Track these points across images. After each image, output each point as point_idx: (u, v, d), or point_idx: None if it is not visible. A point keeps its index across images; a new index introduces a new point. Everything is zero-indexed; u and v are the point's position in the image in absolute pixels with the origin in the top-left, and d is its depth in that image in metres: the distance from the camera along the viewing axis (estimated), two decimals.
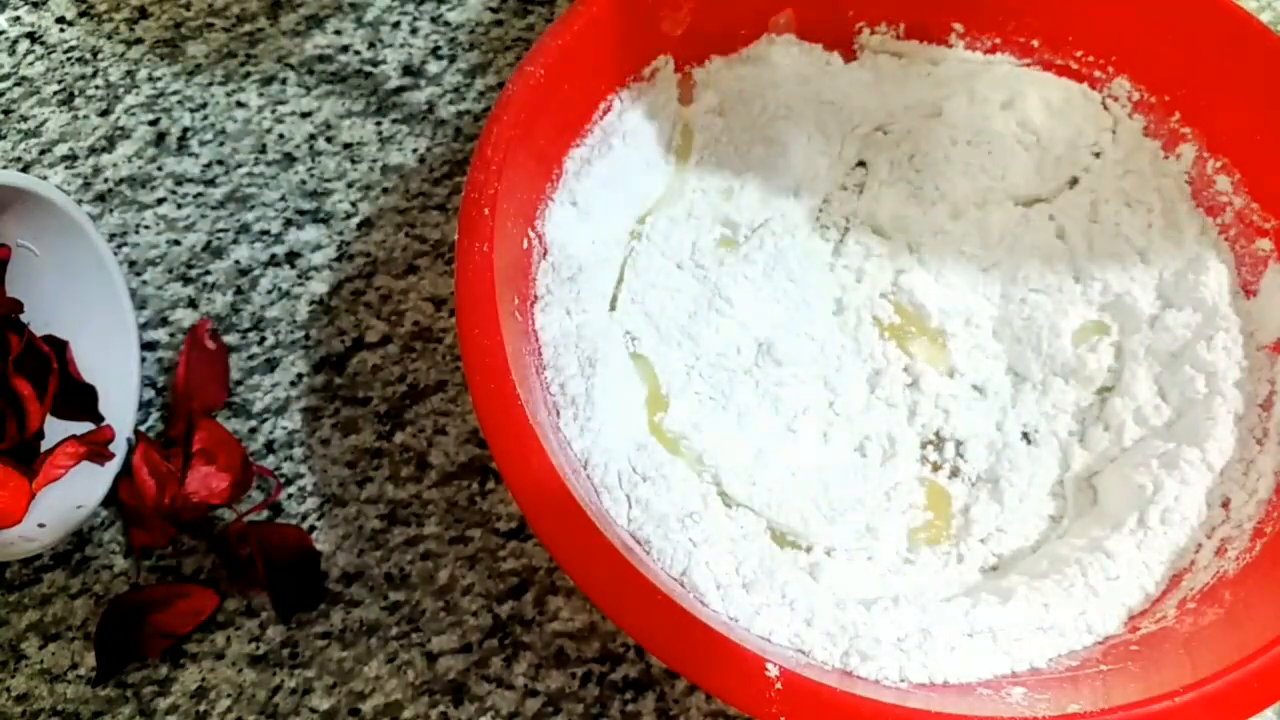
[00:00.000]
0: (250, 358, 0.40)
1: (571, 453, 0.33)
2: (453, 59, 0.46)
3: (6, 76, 0.46)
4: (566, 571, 0.28)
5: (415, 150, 0.44)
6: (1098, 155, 0.41)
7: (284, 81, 0.46)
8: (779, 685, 0.27)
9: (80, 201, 0.43)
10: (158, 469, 0.36)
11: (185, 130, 0.45)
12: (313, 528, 0.37)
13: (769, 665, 0.27)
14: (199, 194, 0.43)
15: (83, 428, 0.37)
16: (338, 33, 0.47)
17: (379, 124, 0.45)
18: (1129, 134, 0.41)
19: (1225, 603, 0.31)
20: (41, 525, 0.35)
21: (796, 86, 0.41)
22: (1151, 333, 0.37)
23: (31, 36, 0.47)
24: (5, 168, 0.43)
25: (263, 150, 0.44)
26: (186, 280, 0.41)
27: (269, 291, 0.41)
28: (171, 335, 0.40)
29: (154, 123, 0.45)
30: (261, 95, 0.45)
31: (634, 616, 0.28)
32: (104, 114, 0.45)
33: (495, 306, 0.31)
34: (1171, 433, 0.36)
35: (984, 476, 0.36)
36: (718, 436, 0.36)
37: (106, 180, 0.43)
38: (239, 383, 0.39)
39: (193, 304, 0.41)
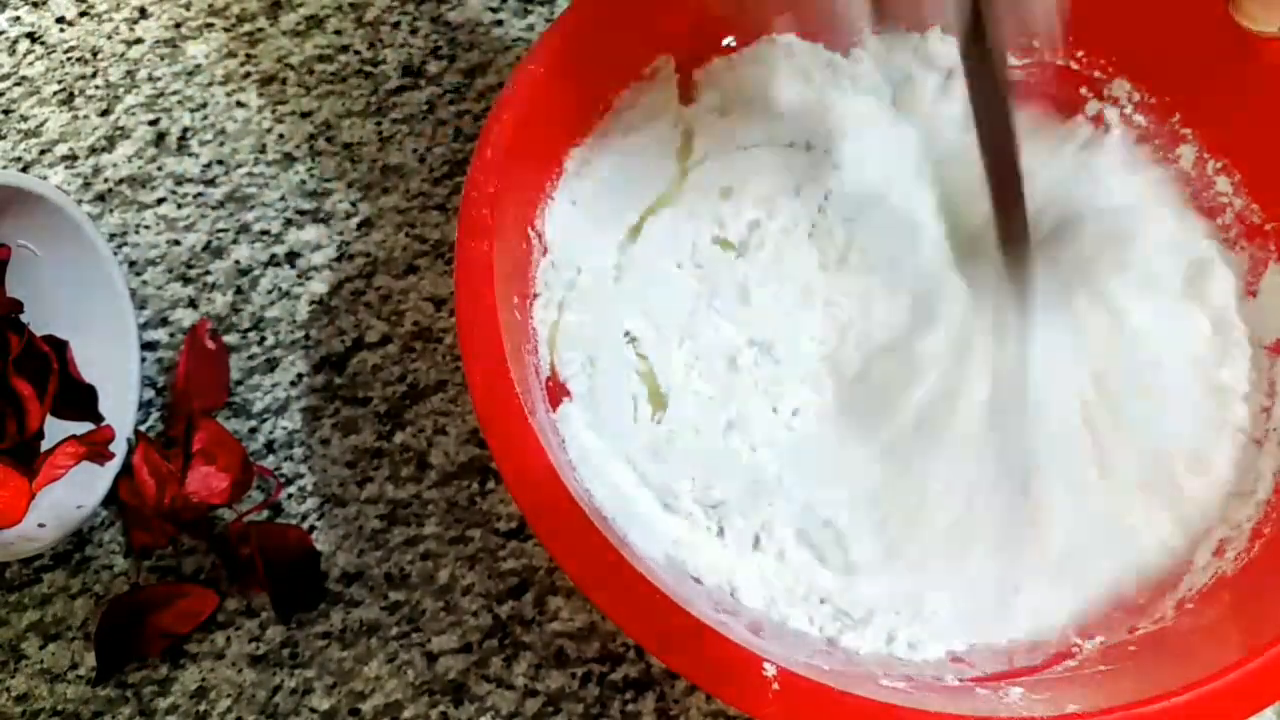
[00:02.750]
0: (250, 358, 0.40)
1: (571, 452, 0.33)
2: (452, 59, 0.46)
3: (6, 76, 0.46)
4: (565, 570, 0.28)
5: (415, 150, 0.44)
6: None
7: (284, 81, 0.46)
8: (776, 686, 0.27)
9: (80, 201, 0.43)
10: (158, 469, 0.36)
11: (185, 130, 0.45)
12: (313, 528, 0.37)
13: (766, 665, 0.27)
14: (199, 194, 0.43)
15: (83, 428, 0.37)
16: (338, 33, 0.47)
17: (379, 124, 0.45)
18: (1130, 134, 0.41)
19: (1224, 603, 0.31)
20: (41, 525, 0.35)
21: (798, 86, 0.41)
22: None
23: (31, 36, 0.47)
24: (5, 168, 0.43)
25: (263, 150, 0.44)
26: (186, 280, 0.41)
27: (269, 291, 0.41)
28: (171, 335, 0.40)
29: (154, 123, 0.45)
30: (261, 95, 0.45)
31: (630, 615, 0.27)
32: (104, 114, 0.45)
33: (495, 306, 0.31)
34: None
35: None
36: (717, 436, 0.36)
37: (106, 180, 0.43)
38: (239, 383, 0.39)
39: (193, 304, 0.41)
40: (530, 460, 0.29)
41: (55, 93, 0.46)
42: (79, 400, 0.37)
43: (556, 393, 0.34)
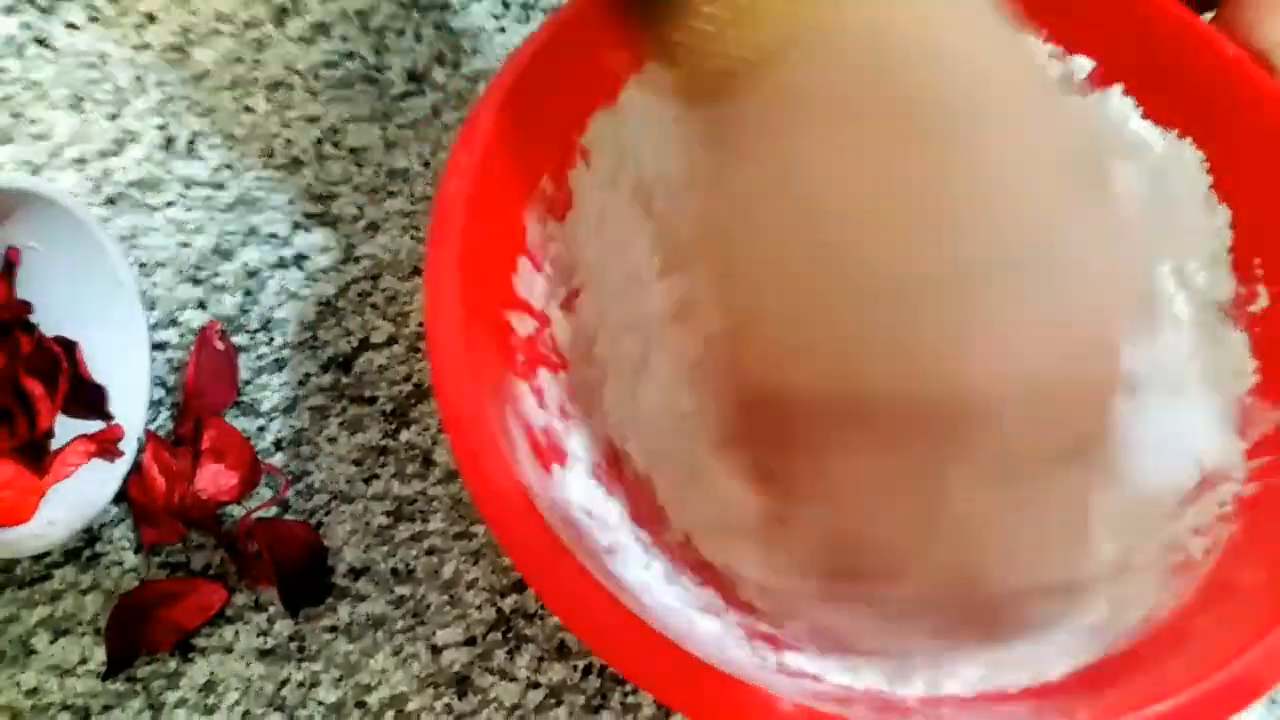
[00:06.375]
0: (259, 358, 0.40)
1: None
2: (456, 65, 0.47)
3: (15, 80, 0.47)
4: (537, 593, 0.26)
5: (420, 155, 0.45)
6: None
7: (291, 87, 0.46)
8: None
9: (90, 204, 0.43)
10: (167, 467, 0.37)
11: (194, 134, 0.45)
12: (320, 524, 0.37)
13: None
14: (207, 197, 0.44)
15: (93, 426, 0.37)
16: (343, 39, 0.48)
17: (384, 129, 0.45)
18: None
19: (1185, 630, 0.31)
20: (52, 522, 0.35)
21: None
22: None
23: (40, 41, 0.48)
24: (15, 171, 0.44)
25: (270, 154, 0.45)
26: (196, 282, 0.42)
27: (277, 293, 0.42)
28: (181, 336, 0.41)
29: (163, 127, 0.45)
30: (269, 100, 0.46)
31: (617, 652, 0.26)
32: (113, 118, 0.46)
33: (464, 313, 0.30)
34: None
35: None
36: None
37: (116, 183, 0.44)
38: (248, 382, 0.40)
39: (202, 305, 0.41)
40: (499, 480, 0.27)
41: (64, 97, 0.46)
42: (89, 399, 0.37)
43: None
